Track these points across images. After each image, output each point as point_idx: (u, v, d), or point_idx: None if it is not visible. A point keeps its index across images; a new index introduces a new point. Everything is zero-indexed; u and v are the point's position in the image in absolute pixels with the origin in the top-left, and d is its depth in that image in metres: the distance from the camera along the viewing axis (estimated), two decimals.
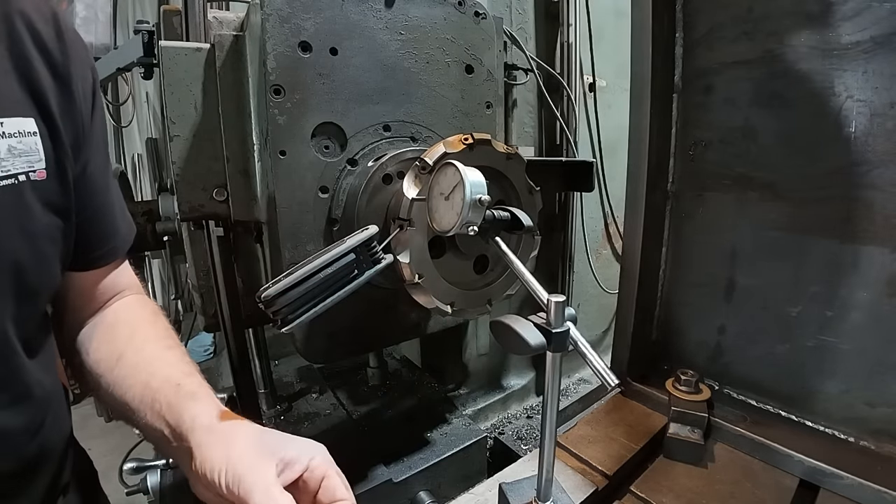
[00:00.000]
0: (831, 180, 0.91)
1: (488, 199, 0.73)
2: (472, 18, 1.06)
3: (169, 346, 0.67)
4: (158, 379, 0.60)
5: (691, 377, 1.03)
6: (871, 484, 0.79)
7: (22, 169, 0.51)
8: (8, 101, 0.51)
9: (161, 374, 0.60)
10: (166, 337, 0.69)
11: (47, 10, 0.57)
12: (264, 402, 1.47)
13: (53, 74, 0.55)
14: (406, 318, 1.07)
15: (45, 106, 0.54)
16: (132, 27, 1.24)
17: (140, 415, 0.59)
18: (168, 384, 0.59)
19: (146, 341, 0.66)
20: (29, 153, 0.52)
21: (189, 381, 0.60)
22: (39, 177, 0.53)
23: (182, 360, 0.65)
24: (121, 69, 1.40)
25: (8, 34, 0.52)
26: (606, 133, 2.02)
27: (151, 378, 0.60)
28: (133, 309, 0.72)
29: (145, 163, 2.85)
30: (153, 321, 0.72)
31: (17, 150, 0.50)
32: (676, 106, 1.14)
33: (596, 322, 2.24)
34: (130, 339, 0.66)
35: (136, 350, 0.65)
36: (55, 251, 0.58)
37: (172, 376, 0.60)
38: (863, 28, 0.83)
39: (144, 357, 0.64)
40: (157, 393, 0.58)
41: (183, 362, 0.64)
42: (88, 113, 0.61)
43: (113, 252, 0.70)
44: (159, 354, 0.65)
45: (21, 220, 0.52)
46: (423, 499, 1.22)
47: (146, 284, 2.59)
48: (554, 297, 0.62)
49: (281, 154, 0.87)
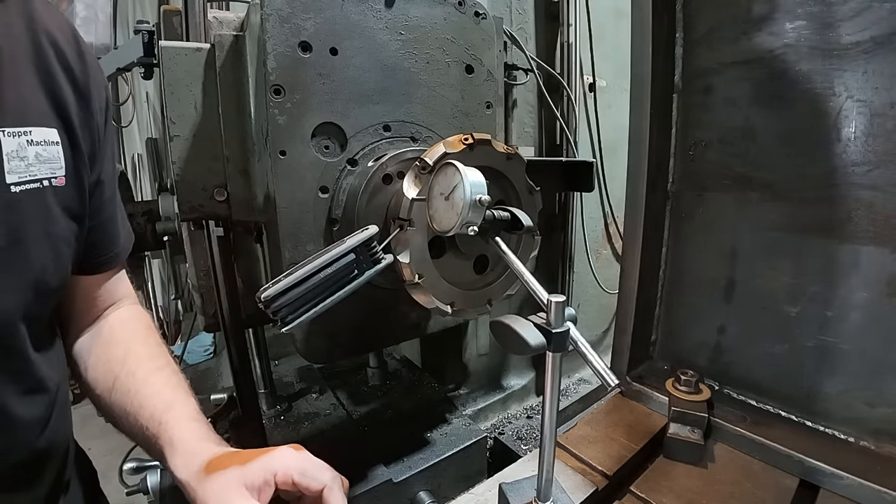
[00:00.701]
0: (831, 180, 0.91)
1: (488, 199, 0.73)
2: (472, 18, 1.06)
3: (159, 366, 0.71)
4: (146, 415, 0.64)
5: (691, 377, 1.03)
6: (871, 484, 0.79)
7: (45, 175, 0.56)
8: (36, 112, 0.55)
9: (147, 410, 0.65)
10: (158, 356, 0.73)
11: (69, 31, 0.62)
12: (264, 402, 1.47)
13: (75, 90, 0.60)
14: (406, 318, 1.07)
15: (67, 118, 0.59)
16: (132, 27, 1.24)
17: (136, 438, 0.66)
18: (153, 423, 0.64)
19: (139, 365, 0.70)
20: (52, 161, 0.56)
21: (169, 417, 0.64)
22: (59, 183, 0.58)
23: (168, 384, 0.69)
24: (121, 69, 1.40)
25: (35, 51, 0.56)
26: (606, 133, 2.02)
27: (141, 410, 0.65)
28: (128, 325, 0.76)
29: (145, 163, 2.85)
30: (146, 338, 0.76)
31: (43, 157, 0.55)
32: (676, 106, 1.14)
33: (596, 322, 2.24)
34: (124, 362, 0.70)
35: (128, 373, 0.69)
36: (70, 254, 0.62)
37: (155, 413, 0.64)
38: (863, 28, 0.83)
39: (135, 384, 0.68)
40: (146, 430, 0.64)
41: (168, 388, 0.68)
42: (103, 126, 0.66)
43: (115, 258, 0.74)
44: (148, 380, 0.69)
45: (45, 224, 0.57)
46: (423, 499, 1.22)
47: (146, 284, 2.59)
48: (554, 297, 0.62)
49: (281, 154, 0.87)
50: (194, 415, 0.65)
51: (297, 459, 0.59)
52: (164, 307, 3.04)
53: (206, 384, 1.87)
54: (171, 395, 0.67)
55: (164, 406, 0.65)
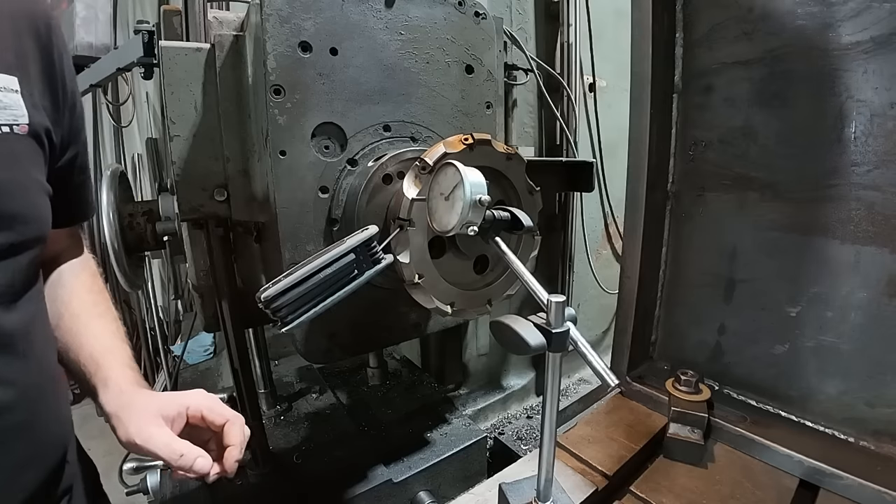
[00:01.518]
0: (831, 180, 0.91)
1: (488, 199, 0.73)
2: (472, 18, 1.06)
3: (101, 313, 0.78)
4: (85, 354, 0.72)
5: (691, 377, 1.03)
6: (871, 484, 0.79)
7: (7, 121, 0.56)
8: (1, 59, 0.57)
9: (87, 350, 0.72)
10: (100, 302, 0.80)
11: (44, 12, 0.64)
12: (264, 402, 1.47)
13: (37, 44, 0.61)
14: (406, 318, 1.07)
15: (26, 69, 0.59)
16: (132, 27, 1.24)
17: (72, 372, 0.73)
18: (91, 362, 0.71)
19: (83, 309, 0.76)
20: (14, 108, 0.57)
21: (106, 360, 0.71)
22: (22, 131, 0.58)
23: (106, 330, 0.76)
24: (121, 69, 1.40)
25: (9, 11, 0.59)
26: (606, 133, 2.02)
27: (81, 350, 0.72)
28: (76, 270, 0.81)
29: (145, 163, 2.84)
30: (90, 286, 0.81)
31: (3, 103, 0.55)
32: (676, 106, 1.14)
33: (596, 322, 2.24)
34: (69, 304, 0.76)
35: (72, 315, 0.75)
36: (45, 204, 0.63)
37: (94, 354, 0.72)
38: (863, 28, 0.83)
39: (78, 326, 0.74)
40: (83, 367, 0.71)
41: (107, 334, 0.75)
42: (69, 100, 0.68)
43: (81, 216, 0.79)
44: (90, 324, 0.75)
45: (13, 170, 0.57)
46: (423, 499, 1.22)
47: (146, 284, 2.59)
48: (554, 297, 0.62)
49: (281, 154, 0.87)
50: (129, 362, 0.73)
51: (207, 399, 0.70)
52: (164, 307, 3.04)
53: (206, 384, 1.86)
54: (109, 341, 0.75)
55: (103, 350, 0.72)
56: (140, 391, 0.69)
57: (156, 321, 2.84)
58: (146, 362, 2.81)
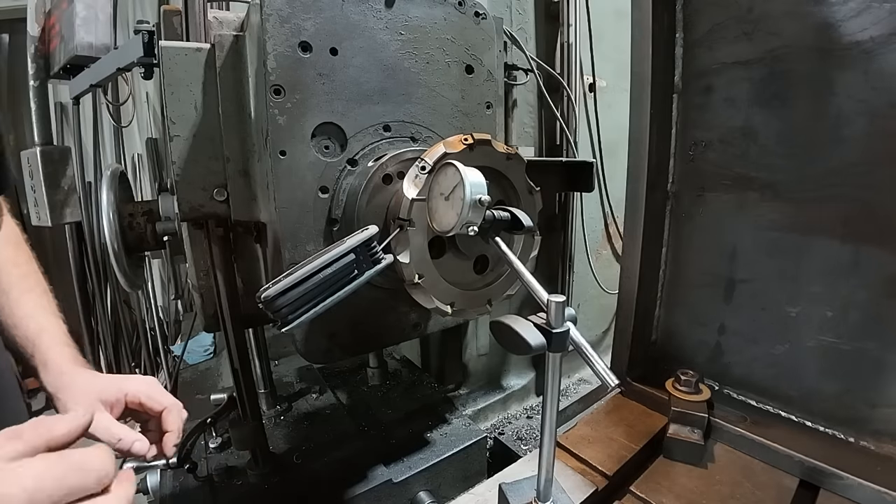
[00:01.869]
0: (831, 180, 0.91)
1: (488, 199, 0.73)
2: (472, 18, 1.06)
3: (30, 287, 0.79)
4: (20, 334, 0.73)
5: (691, 377, 1.03)
6: (871, 484, 0.79)
7: None
8: None
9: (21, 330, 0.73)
10: (29, 275, 0.80)
11: None
12: (264, 402, 1.47)
13: None
14: (406, 318, 1.07)
15: None
16: (132, 27, 1.24)
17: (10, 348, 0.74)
18: (28, 343, 0.73)
19: (11, 285, 0.77)
20: None
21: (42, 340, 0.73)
22: None
23: (38, 306, 0.77)
24: (121, 69, 1.40)
25: None
26: (606, 133, 2.02)
27: (16, 329, 0.73)
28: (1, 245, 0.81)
29: (145, 163, 2.85)
30: (15, 259, 0.81)
31: None
32: (676, 106, 1.14)
33: (596, 322, 2.24)
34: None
35: (1, 292, 0.76)
36: None
37: (29, 334, 0.73)
38: (863, 28, 0.83)
39: (9, 303, 0.75)
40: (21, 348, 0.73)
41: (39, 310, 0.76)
42: None
43: None
44: (21, 300, 0.76)
45: None
46: (423, 499, 1.22)
47: (146, 284, 2.59)
48: (554, 298, 0.62)
49: (281, 154, 0.87)
50: (65, 339, 0.75)
51: (146, 385, 0.72)
52: (164, 307, 3.04)
53: (206, 384, 1.87)
54: (43, 319, 0.76)
55: (38, 329, 0.74)
56: (80, 371, 0.72)
57: (156, 321, 2.84)
58: (146, 362, 2.81)
